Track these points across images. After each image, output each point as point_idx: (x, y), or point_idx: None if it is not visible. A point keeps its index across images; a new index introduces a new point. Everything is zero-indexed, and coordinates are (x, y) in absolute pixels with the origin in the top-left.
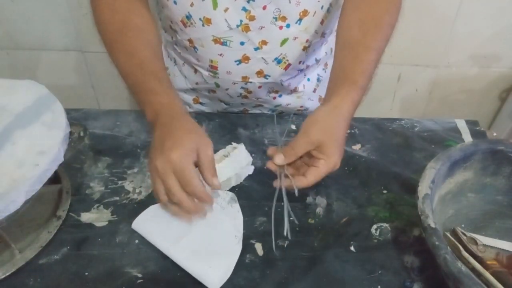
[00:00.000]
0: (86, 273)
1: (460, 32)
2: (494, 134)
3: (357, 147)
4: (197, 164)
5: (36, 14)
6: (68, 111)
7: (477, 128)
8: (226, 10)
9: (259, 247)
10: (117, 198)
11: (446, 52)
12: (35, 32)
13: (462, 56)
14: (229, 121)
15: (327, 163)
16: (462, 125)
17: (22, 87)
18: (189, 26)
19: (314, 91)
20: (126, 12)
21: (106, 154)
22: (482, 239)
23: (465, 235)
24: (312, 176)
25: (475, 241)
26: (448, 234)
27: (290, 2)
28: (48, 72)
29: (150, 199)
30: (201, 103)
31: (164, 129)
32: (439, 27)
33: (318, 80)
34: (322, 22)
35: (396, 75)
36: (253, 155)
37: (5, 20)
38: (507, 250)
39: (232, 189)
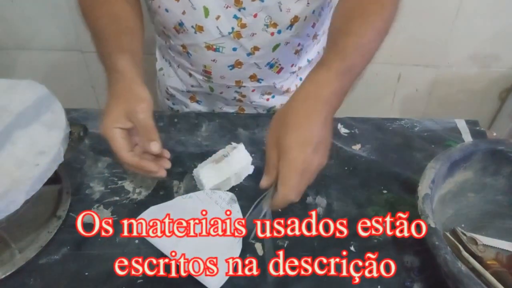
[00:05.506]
0: (86, 273)
1: (460, 32)
2: (494, 134)
3: (357, 147)
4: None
5: (36, 14)
6: (68, 111)
7: (477, 128)
8: (217, 18)
9: (259, 247)
10: (117, 198)
11: (446, 52)
12: (35, 32)
13: (462, 56)
14: (229, 121)
15: (284, 161)
16: (462, 125)
17: (22, 87)
18: (182, 32)
19: None
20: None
21: (106, 154)
22: (482, 239)
23: (465, 235)
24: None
25: (475, 241)
26: (448, 234)
27: (281, 10)
28: (48, 72)
29: (150, 199)
30: (197, 102)
31: (108, 94)
32: (439, 27)
33: None
34: (313, 25)
35: (396, 75)
36: (253, 155)
37: (5, 20)
38: (507, 250)
39: (232, 189)
